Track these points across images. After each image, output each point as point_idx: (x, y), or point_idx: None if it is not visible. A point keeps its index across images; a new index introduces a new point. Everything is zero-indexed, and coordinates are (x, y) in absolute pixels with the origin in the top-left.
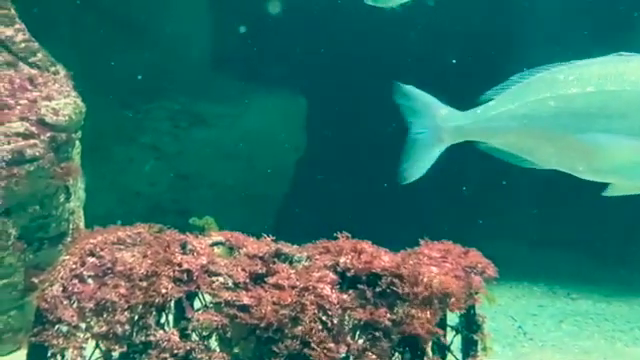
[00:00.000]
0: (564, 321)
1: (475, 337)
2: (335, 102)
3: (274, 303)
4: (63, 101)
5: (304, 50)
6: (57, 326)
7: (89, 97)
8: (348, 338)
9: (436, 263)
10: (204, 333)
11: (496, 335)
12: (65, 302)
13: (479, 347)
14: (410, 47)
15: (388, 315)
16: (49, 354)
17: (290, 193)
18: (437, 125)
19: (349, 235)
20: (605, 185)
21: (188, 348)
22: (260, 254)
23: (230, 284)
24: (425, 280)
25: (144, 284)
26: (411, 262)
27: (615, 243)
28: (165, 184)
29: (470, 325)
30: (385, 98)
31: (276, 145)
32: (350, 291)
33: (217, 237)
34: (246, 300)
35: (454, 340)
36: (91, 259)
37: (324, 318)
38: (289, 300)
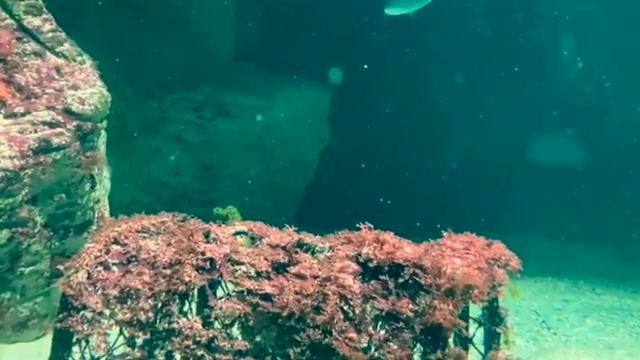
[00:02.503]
0: (588, 316)
1: (498, 330)
2: (359, 95)
3: (296, 292)
4: (89, 90)
5: (329, 43)
6: (82, 312)
7: (115, 88)
8: (370, 328)
9: (459, 255)
10: (226, 321)
11: (520, 329)
12: (90, 289)
13: (502, 340)
14: (429, 46)
15: (410, 306)
16: (74, 340)
17: (313, 184)
18: None
19: (371, 226)
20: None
21: (211, 336)
22: (282, 244)
23: (252, 273)
24: (448, 271)
25: (168, 272)
26: (434, 253)
27: None
28: (190, 174)
29: (493, 318)
30: (407, 93)
31: (300, 136)
32: (372, 281)
33: (240, 227)
34: (268, 289)
35: (477, 333)
36: (116, 247)
37: (346, 308)
38: (311, 290)
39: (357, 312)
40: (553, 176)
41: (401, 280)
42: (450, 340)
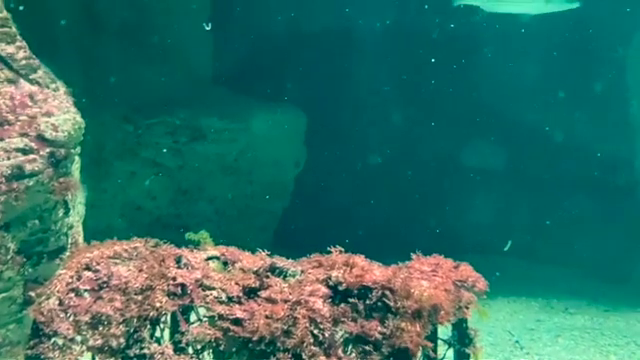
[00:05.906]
0: (561, 335)
1: (467, 350)
2: (335, 118)
3: (267, 317)
4: (62, 117)
5: (304, 67)
6: (53, 339)
7: (91, 113)
8: (339, 351)
9: (427, 277)
10: (198, 346)
11: (493, 349)
12: (61, 315)
13: None
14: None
15: (379, 328)
16: None
17: (290, 207)
18: None
19: (342, 249)
20: None
21: None
22: (254, 268)
23: (224, 298)
24: (415, 293)
25: (139, 298)
26: (402, 276)
27: (614, 259)
28: (166, 198)
29: (462, 338)
30: (383, 115)
31: (276, 160)
32: (342, 304)
33: (213, 251)
34: (239, 314)
35: (447, 353)
36: (87, 273)
37: (316, 331)
38: (281, 313)
39: (327, 335)
40: (522, 197)
41: (370, 302)
42: None
